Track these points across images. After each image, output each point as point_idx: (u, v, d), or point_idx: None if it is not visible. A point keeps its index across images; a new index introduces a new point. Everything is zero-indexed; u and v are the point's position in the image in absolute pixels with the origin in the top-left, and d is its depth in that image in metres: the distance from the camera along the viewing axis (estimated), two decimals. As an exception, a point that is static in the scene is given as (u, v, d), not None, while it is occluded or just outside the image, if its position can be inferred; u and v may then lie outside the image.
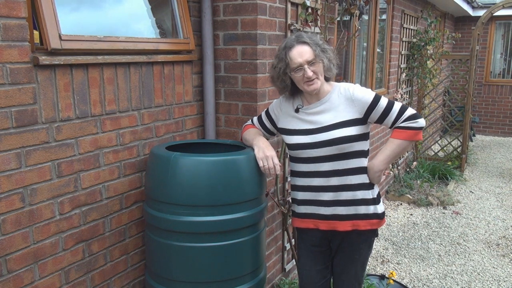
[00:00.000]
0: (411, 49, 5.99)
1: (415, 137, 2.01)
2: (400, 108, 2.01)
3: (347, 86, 2.07)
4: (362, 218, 2.10)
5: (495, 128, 9.79)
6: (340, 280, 2.22)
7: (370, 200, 2.09)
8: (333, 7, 3.39)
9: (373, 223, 2.12)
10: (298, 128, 2.09)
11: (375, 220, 2.12)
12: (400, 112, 2.00)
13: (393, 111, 2.00)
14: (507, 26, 9.69)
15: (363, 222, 2.10)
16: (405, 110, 2.00)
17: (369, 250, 2.21)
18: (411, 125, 1.99)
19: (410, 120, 1.99)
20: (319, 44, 2.00)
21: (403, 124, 2.00)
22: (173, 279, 2.10)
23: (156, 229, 2.11)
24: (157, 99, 2.40)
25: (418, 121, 1.99)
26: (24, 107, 1.75)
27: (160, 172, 2.05)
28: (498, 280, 3.58)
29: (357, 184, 2.07)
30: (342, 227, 2.11)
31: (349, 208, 2.08)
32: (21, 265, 1.82)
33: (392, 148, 2.04)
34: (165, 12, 2.57)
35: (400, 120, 2.00)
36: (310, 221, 2.17)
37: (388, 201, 5.48)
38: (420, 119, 2.00)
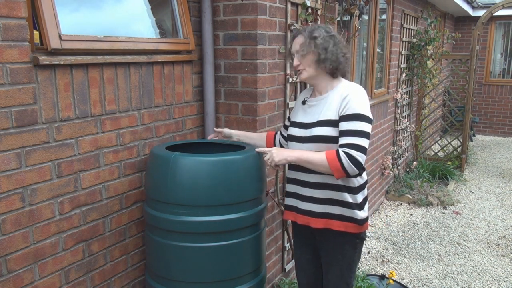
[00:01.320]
0: (411, 49, 5.99)
1: (336, 171, 1.91)
2: (359, 145, 1.90)
3: (350, 88, 2.02)
4: (337, 218, 2.07)
5: (495, 128, 9.79)
6: (326, 279, 2.22)
7: (348, 203, 2.05)
8: (333, 7, 3.39)
9: (349, 226, 2.07)
10: (297, 120, 2.16)
11: (352, 224, 2.06)
12: (355, 147, 1.90)
13: (353, 138, 1.90)
14: (507, 26, 9.69)
15: (337, 223, 2.07)
16: (359, 150, 1.90)
17: (354, 252, 2.15)
18: (345, 162, 1.88)
19: (350, 160, 1.88)
20: (316, 37, 1.99)
21: (343, 153, 1.89)
22: (173, 279, 2.10)
23: (156, 229, 2.11)
24: (157, 99, 2.40)
25: (353, 168, 1.89)
26: (24, 107, 1.75)
27: (160, 172, 2.05)
28: (498, 280, 3.58)
29: (341, 185, 2.04)
30: (314, 224, 2.12)
31: (324, 207, 2.08)
32: (21, 265, 1.82)
33: (314, 158, 1.95)
34: (165, 12, 2.57)
35: (347, 149, 1.89)
36: (290, 214, 2.23)
37: (388, 201, 5.48)
38: (354, 170, 1.90)
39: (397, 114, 5.73)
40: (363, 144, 1.91)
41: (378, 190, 5.24)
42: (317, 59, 2.00)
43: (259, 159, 2.15)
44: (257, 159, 2.14)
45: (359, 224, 2.07)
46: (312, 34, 2.01)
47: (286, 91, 2.90)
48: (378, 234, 4.49)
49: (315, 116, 2.06)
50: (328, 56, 1.99)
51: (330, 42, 2.00)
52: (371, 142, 4.85)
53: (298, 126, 2.13)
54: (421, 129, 6.74)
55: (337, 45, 2.02)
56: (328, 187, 2.05)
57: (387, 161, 5.32)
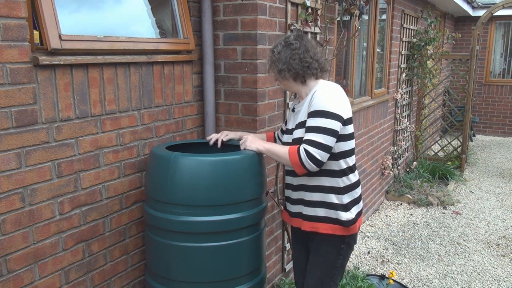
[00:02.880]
0: (411, 49, 5.99)
1: (296, 166, 1.95)
2: (317, 142, 1.91)
3: (320, 86, 2.04)
4: (323, 221, 2.07)
5: (495, 128, 9.79)
6: (306, 282, 2.21)
7: (333, 204, 2.05)
8: (333, 7, 3.39)
9: (335, 228, 2.06)
10: (287, 127, 2.23)
11: (337, 226, 2.06)
12: (313, 143, 1.91)
13: (313, 135, 1.92)
14: (507, 26, 9.69)
15: (324, 225, 2.07)
16: (317, 147, 1.91)
17: (337, 257, 2.12)
18: (303, 157, 1.91)
19: (308, 156, 1.91)
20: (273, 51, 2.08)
21: (302, 149, 1.92)
22: (173, 279, 2.10)
23: (156, 229, 2.11)
24: (157, 99, 2.40)
25: (311, 164, 1.91)
26: (24, 107, 1.75)
27: (160, 172, 2.05)
28: (498, 280, 3.58)
29: (325, 186, 2.05)
30: (304, 226, 2.15)
31: (313, 209, 2.10)
32: (21, 265, 1.82)
33: (280, 151, 2.02)
34: (165, 12, 2.57)
35: (306, 145, 1.92)
36: (285, 216, 2.30)
37: (388, 201, 5.48)
38: (313, 167, 1.92)
39: (397, 114, 5.73)
40: (321, 140, 1.92)
41: (378, 190, 5.24)
42: (277, 72, 2.08)
43: (258, 159, 2.15)
44: (257, 159, 2.14)
45: (345, 225, 2.06)
46: (272, 49, 2.11)
47: (286, 91, 2.90)
48: (378, 234, 4.49)
49: (296, 120, 2.11)
50: (282, 66, 2.04)
51: (286, 52, 2.04)
52: (371, 142, 4.85)
53: (286, 133, 2.21)
54: (421, 129, 6.74)
55: (295, 52, 2.02)
56: (315, 189, 2.07)
57: (387, 161, 5.32)
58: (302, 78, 2.07)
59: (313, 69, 2.05)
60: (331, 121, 1.94)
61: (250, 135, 2.21)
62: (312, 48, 2.08)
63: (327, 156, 1.95)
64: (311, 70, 2.05)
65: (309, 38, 2.15)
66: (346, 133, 2.03)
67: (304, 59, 2.03)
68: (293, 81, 2.09)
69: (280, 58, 2.04)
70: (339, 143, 2.01)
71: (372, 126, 4.84)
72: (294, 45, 2.04)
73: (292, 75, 2.05)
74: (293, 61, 2.03)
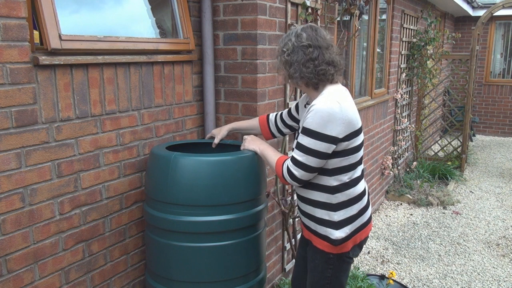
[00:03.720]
0: (411, 49, 5.99)
1: (280, 177, 1.95)
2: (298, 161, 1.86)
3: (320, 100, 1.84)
4: (314, 234, 2.02)
5: (495, 128, 9.79)
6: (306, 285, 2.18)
7: (321, 220, 1.95)
8: (333, 7, 3.39)
9: (324, 244, 1.97)
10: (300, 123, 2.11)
11: (325, 242, 1.96)
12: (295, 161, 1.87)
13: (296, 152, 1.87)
14: (507, 26, 9.68)
15: (315, 238, 2.02)
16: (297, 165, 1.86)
17: (327, 267, 2.01)
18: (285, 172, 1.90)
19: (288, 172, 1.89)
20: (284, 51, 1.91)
21: (286, 164, 1.91)
22: (173, 279, 2.10)
23: (156, 229, 2.11)
24: (157, 99, 2.40)
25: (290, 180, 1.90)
26: (24, 107, 1.75)
27: (160, 172, 2.05)
28: (498, 280, 3.58)
29: (315, 200, 1.96)
30: (303, 232, 2.15)
31: (307, 220, 2.04)
32: (21, 265, 1.82)
33: (270, 157, 2.02)
34: (165, 12, 2.57)
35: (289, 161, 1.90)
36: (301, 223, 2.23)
37: (388, 201, 5.48)
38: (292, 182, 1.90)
39: (397, 114, 5.73)
40: (303, 161, 1.84)
41: (378, 190, 5.24)
42: (287, 75, 1.95)
43: (258, 160, 2.15)
44: (257, 160, 2.14)
45: (333, 244, 1.94)
46: (282, 48, 1.92)
47: (286, 91, 2.90)
48: (378, 234, 4.49)
49: (301, 123, 1.99)
50: (293, 73, 1.90)
51: (298, 54, 1.87)
52: (371, 142, 4.85)
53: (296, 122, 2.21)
54: (421, 129, 6.74)
55: (308, 58, 1.86)
56: (306, 201, 2.00)
57: (387, 161, 5.32)
58: (315, 85, 1.92)
59: (329, 75, 1.90)
60: (318, 142, 1.81)
61: (249, 137, 2.19)
62: (327, 47, 1.89)
63: (309, 176, 1.88)
64: (326, 77, 1.90)
65: (322, 32, 1.92)
66: (345, 149, 1.87)
67: (319, 67, 1.86)
68: (305, 86, 1.96)
69: (291, 61, 1.88)
70: (335, 160, 1.88)
71: (372, 126, 4.84)
72: (308, 49, 1.86)
73: (304, 82, 1.92)
74: (307, 69, 1.86)
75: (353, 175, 1.95)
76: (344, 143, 1.86)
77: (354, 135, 1.88)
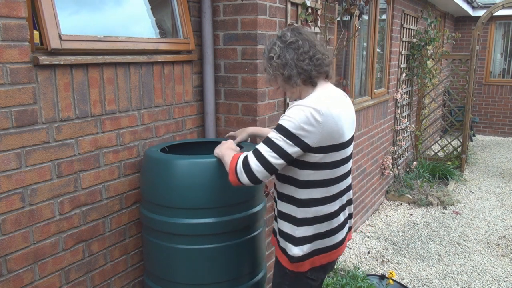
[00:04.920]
0: (411, 49, 5.99)
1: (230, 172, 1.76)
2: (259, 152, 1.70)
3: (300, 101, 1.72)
4: (277, 244, 1.91)
5: (495, 128, 9.79)
6: None
7: (285, 234, 1.83)
8: (333, 7, 3.39)
9: (282, 258, 1.86)
10: None
11: (284, 256, 1.85)
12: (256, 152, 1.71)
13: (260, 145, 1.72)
14: (507, 26, 9.68)
15: (277, 249, 1.91)
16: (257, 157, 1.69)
17: (282, 282, 1.90)
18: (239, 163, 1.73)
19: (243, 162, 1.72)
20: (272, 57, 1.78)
21: (243, 155, 1.75)
22: (171, 280, 2.09)
23: (152, 230, 2.11)
24: (157, 99, 2.40)
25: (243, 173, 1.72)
26: (24, 107, 1.75)
27: (155, 174, 2.04)
28: (498, 280, 3.58)
29: (282, 211, 1.84)
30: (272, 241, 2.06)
31: (274, 229, 1.95)
32: (21, 265, 1.82)
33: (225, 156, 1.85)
34: (165, 12, 2.57)
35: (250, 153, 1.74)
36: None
37: (388, 201, 5.48)
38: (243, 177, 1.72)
39: (397, 114, 5.73)
40: (264, 153, 1.68)
41: (378, 190, 5.24)
42: (283, 80, 1.78)
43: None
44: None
45: (290, 260, 1.82)
46: (269, 55, 1.80)
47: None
48: (378, 234, 4.49)
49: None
50: (290, 72, 1.75)
51: (289, 53, 1.74)
52: (371, 142, 4.85)
53: None
54: (421, 129, 6.74)
55: (301, 52, 1.74)
56: (277, 212, 1.90)
57: (387, 161, 5.32)
58: (315, 78, 1.77)
59: (325, 66, 1.77)
60: (287, 142, 1.66)
61: (225, 143, 1.99)
62: (315, 40, 1.79)
63: (264, 175, 1.70)
64: (323, 68, 1.76)
65: (305, 29, 1.83)
66: (319, 162, 1.71)
67: (315, 56, 1.74)
68: (303, 84, 1.79)
69: (283, 63, 1.74)
70: (307, 171, 1.73)
71: (372, 126, 4.84)
72: (296, 43, 1.74)
73: (303, 79, 1.76)
74: (303, 62, 1.73)
75: (327, 193, 1.78)
76: (318, 155, 1.69)
77: (332, 149, 1.71)
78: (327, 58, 1.79)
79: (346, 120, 1.76)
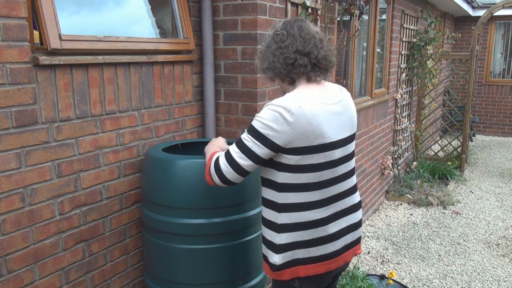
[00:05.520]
0: (411, 49, 5.99)
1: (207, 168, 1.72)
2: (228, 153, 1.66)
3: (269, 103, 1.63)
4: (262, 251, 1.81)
5: (495, 128, 9.79)
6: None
7: (267, 241, 1.73)
8: (333, 7, 3.39)
9: (265, 266, 1.78)
10: None
11: (266, 264, 1.76)
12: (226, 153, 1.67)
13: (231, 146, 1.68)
14: (507, 26, 9.68)
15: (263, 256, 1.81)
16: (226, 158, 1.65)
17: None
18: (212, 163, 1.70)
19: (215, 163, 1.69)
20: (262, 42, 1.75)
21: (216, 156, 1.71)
22: (172, 280, 2.09)
23: (153, 230, 2.11)
24: (157, 99, 2.40)
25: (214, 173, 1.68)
26: (24, 107, 1.75)
27: (156, 174, 2.04)
28: (498, 280, 3.58)
29: (264, 217, 1.76)
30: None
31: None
32: (21, 265, 1.82)
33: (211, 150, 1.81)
34: (165, 12, 2.58)
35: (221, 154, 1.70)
36: None
37: (388, 201, 5.48)
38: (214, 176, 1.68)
39: (397, 114, 5.73)
40: (233, 154, 1.64)
41: (378, 190, 5.24)
42: (262, 71, 1.77)
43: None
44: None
45: (271, 268, 1.72)
46: (262, 42, 1.77)
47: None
48: (378, 234, 4.49)
49: None
50: (266, 65, 1.71)
51: (271, 46, 1.68)
52: (371, 142, 4.85)
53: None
54: (421, 129, 6.74)
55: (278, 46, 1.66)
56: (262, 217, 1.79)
57: (387, 161, 5.32)
58: (289, 78, 1.69)
59: (300, 67, 1.64)
60: (256, 143, 1.59)
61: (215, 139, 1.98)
62: (302, 38, 1.64)
63: (235, 177, 1.65)
64: (297, 69, 1.65)
65: (304, 25, 1.68)
66: (295, 164, 1.60)
67: (285, 54, 1.63)
68: (281, 81, 1.75)
69: (265, 54, 1.70)
70: (285, 173, 1.63)
71: (372, 126, 4.84)
72: (279, 37, 1.66)
73: (278, 76, 1.71)
74: (274, 57, 1.66)
75: (311, 198, 1.65)
76: (294, 157, 1.59)
77: (310, 151, 1.59)
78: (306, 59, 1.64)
79: (329, 121, 1.62)
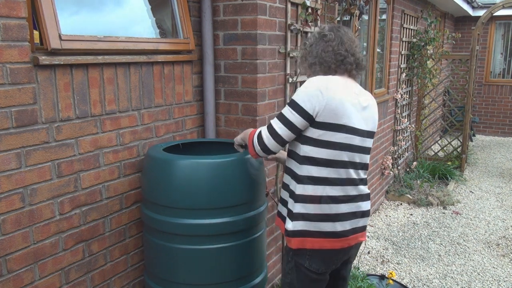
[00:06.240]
0: (411, 49, 5.99)
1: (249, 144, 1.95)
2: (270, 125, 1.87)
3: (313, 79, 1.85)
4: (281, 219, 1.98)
5: (495, 128, 9.79)
6: None
7: (286, 205, 1.93)
8: (333, 7, 3.39)
9: (282, 226, 1.95)
10: None
11: (283, 226, 1.93)
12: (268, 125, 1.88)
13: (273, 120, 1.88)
14: (507, 26, 9.68)
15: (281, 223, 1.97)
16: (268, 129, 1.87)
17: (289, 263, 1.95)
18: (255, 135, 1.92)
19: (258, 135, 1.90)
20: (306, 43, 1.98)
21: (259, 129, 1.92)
22: (172, 280, 2.09)
23: (154, 230, 2.11)
24: (157, 99, 2.40)
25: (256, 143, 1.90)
26: (24, 107, 1.75)
27: (157, 174, 2.04)
28: (498, 280, 3.58)
29: (285, 184, 1.95)
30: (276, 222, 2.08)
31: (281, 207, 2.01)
32: (21, 265, 1.82)
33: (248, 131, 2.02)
34: (165, 12, 2.57)
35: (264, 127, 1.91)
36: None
37: (388, 201, 5.48)
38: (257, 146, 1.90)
39: (397, 114, 5.73)
40: (274, 125, 1.85)
41: (378, 190, 5.24)
42: (307, 66, 1.96)
43: (257, 160, 2.15)
44: (255, 160, 2.14)
45: (289, 236, 1.87)
46: (304, 41, 1.99)
47: (286, 91, 2.90)
48: (378, 234, 4.49)
49: None
50: (313, 60, 1.92)
51: (319, 44, 1.92)
52: (371, 142, 4.84)
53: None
54: (421, 129, 6.74)
55: (328, 44, 1.89)
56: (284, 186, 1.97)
57: (387, 161, 5.32)
58: (334, 72, 1.90)
59: (348, 64, 1.89)
60: (294, 113, 1.79)
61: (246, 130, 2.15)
62: (348, 40, 1.91)
63: (276, 146, 1.86)
64: (345, 65, 1.89)
65: (347, 30, 1.96)
66: (318, 138, 1.79)
67: (338, 51, 1.88)
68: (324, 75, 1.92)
69: (311, 51, 1.92)
70: (305, 146, 1.82)
71: (372, 126, 4.83)
72: (327, 37, 1.90)
73: (323, 70, 1.90)
74: (326, 53, 1.88)
75: (326, 174, 1.81)
76: (318, 131, 1.78)
77: (333, 128, 1.78)
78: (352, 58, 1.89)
79: (355, 109, 1.85)
